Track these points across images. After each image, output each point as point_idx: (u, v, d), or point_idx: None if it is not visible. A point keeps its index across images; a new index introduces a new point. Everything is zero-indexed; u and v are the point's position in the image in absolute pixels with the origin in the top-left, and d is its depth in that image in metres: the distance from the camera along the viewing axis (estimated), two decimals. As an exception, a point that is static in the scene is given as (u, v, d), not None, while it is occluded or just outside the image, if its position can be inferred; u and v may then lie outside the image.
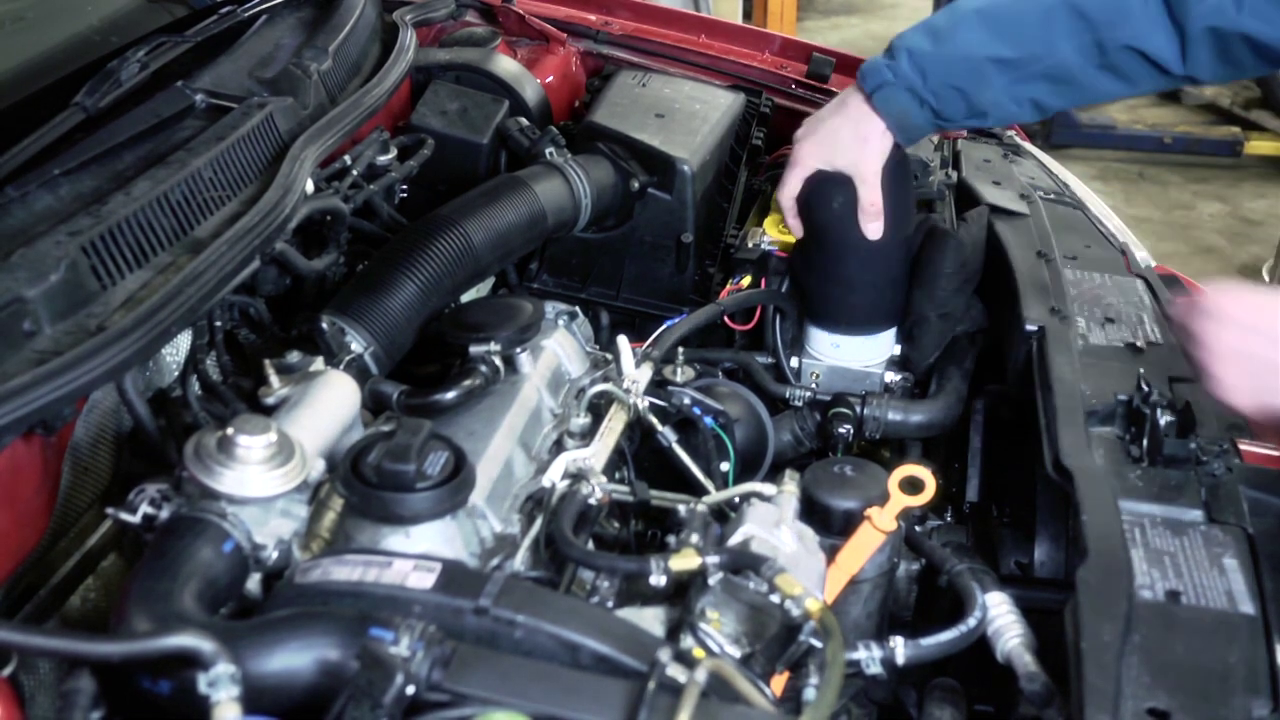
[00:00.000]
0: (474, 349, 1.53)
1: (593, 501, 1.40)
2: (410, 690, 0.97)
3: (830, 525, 1.42)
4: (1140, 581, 1.21)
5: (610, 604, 1.27)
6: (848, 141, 1.79)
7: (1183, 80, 1.66)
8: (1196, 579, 1.22)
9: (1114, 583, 1.20)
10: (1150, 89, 1.69)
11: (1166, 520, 1.31)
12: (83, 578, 1.32)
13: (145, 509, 1.20)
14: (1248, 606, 1.19)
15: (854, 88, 1.80)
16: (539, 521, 1.38)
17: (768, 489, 1.44)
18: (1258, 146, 6.19)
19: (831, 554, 1.38)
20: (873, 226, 1.82)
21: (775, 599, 1.17)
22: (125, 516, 1.20)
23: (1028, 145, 2.45)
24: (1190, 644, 1.14)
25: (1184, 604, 1.19)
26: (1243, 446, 1.45)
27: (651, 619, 1.25)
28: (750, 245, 2.07)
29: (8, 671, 1.04)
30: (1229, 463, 1.39)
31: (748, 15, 6.88)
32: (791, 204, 1.88)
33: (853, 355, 1.94)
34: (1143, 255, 2.05)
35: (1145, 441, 1.42)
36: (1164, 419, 1.42)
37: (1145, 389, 1.47)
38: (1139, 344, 1.66)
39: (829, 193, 1.81)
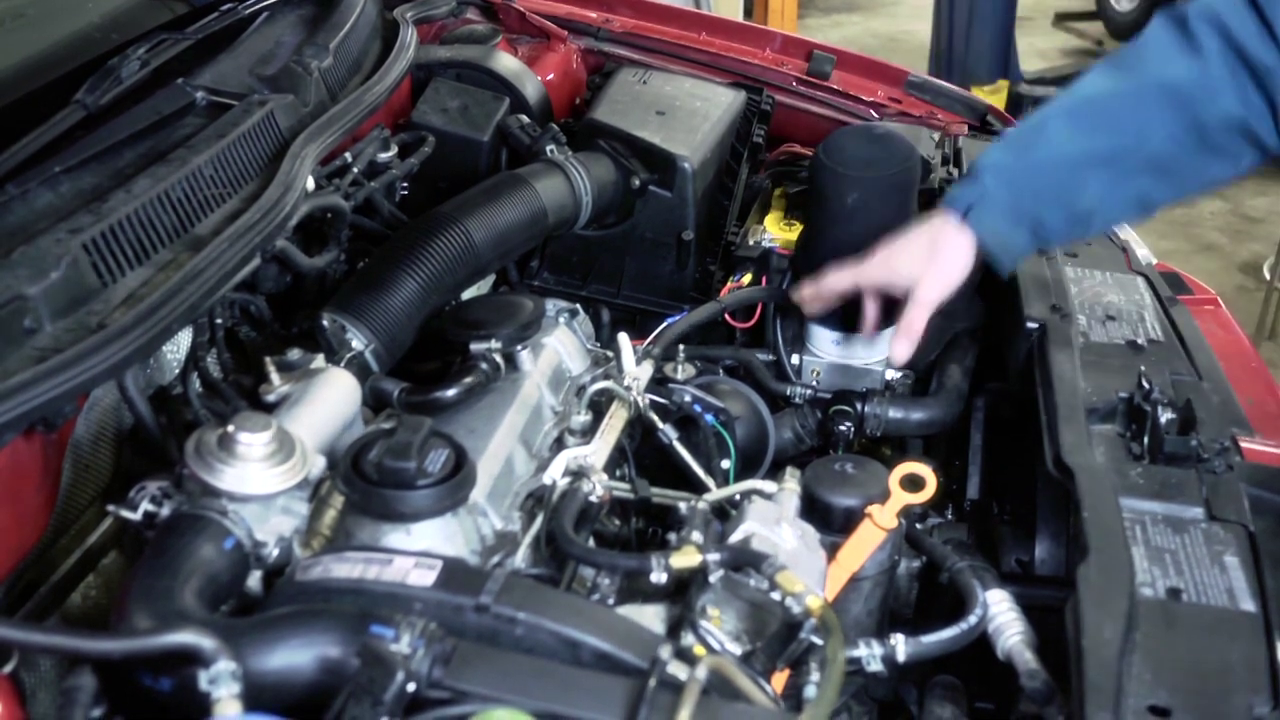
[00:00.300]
0: (475, 346, 1.53)
1: (593, 499, 1.40)
2: (411, 687, 0.97)
3: (831, 523, 1.42)
4: (1141, 579, 1.21)
5: (611, 601, 1.27)
6: (919, 257, 1.65)
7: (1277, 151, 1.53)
8: (1197, 576, 1.22)
9: (1115, 580, 1.20)
10: (1252, 164, 1.55)
11: (1167, 518, 1.31)
12: (84, 575, 1.32)
13: (146, 506, 1.20)
14: (1248, 604, 1.19)
15: (941, 213, 1.65)
16: (540, 519, 1.38)
17: (768, 486, 1.44)
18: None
19: (832, 551, 1.38)
20: (901, 347, 1.67)
21: (776, 596, 1.17)
22: (126, 514, 1.20)
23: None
24: (1191, 641, 1.14)
25: (1185, 601, 1.19)
26: (1244, 444, 1.45)
27: (652, 616, 1.25)
28: (751, 243, 2.07)
29: (8, 669, 1.04)
30: (1230, 460, 1.39)
31: (749, 12, 6.89)
32: (829, 297, 1.78)
33: (854, 353, 1.94)
34: (1144, 253, 2.05)
35: (1146, 439, 1.42)
36: (1165, 416, 1.42)
37: (1146, 386, 1.47)
38: (1140, 341, 1.66)
39: (843, 187, 1.81)
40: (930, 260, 1.65)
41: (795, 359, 1.98)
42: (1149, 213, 1.64)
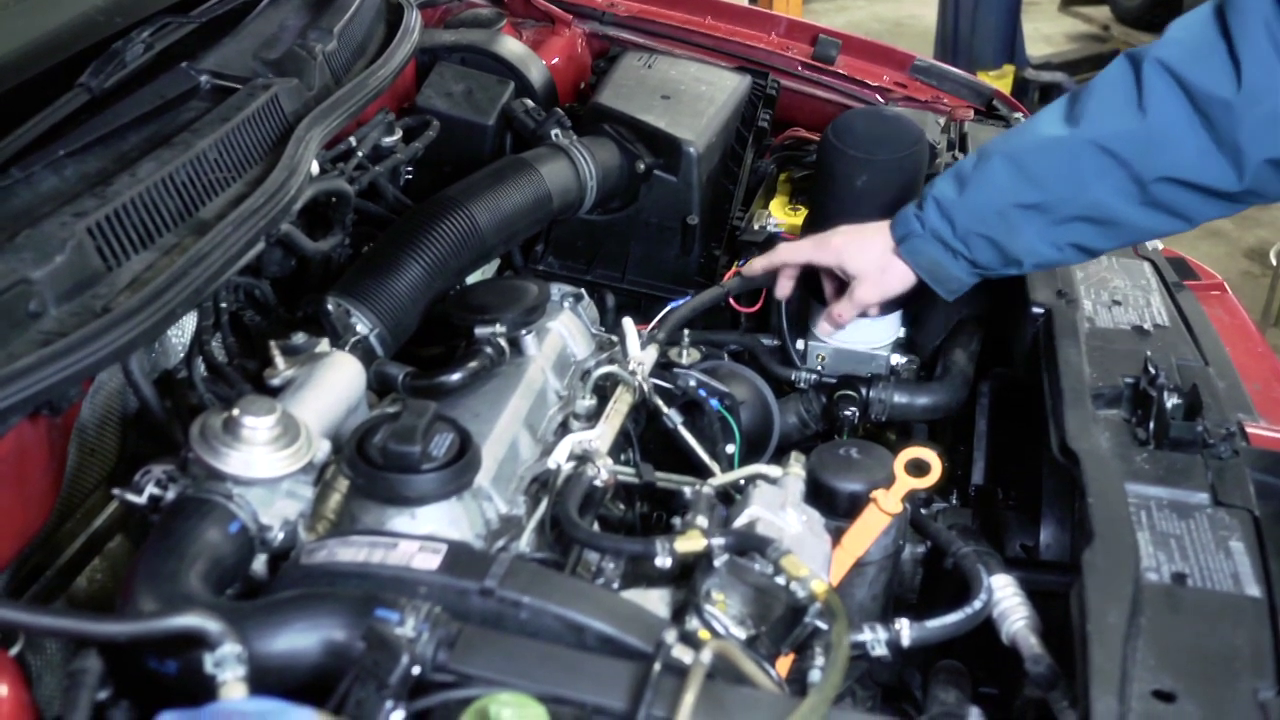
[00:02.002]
0: (479, 331, 1.53)
1: (598, 483, 1.40)
2: (416, 671, 0.97)
3: (836, 507, 1.42)
4: (1146, 564, 1.21)
5: (615, 586, 1.28)
6: (871, 259, 1.72)
7: (1244, 198, 1.49)
8: (1202, 561, 1.22)
9: (1120, 565, 1.20)
10: (1212, 217, 1.53)
11: (1172, 503, 1.31)
12: (89, 558, 1.32)
13: (151, 490, 1.20)
14: (1253, 589, 1.19)
15: (889, 228, 1.72)
16: (544, 503, 1.38)
17: (773, 471, 1.44)
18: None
19: (837, 536, 1.38)
20: (823, 328, 1.84)
21: (781, 581, 1.17)
22: (131, 497, 1.20)
23: (1035, 127, 2.44)
24: (1196, 626, 1.14)
25: (1190, 586, 1.19)
26: (1249, 429, 1.44)
27: (657, 601, 1.25)
28: (756, 227, 2.07)
29: (15, 651, 1.05)
30: (1235, 445, 1.39)
31: (753, -3, 6.87)
32: (790, 269, 1.84)
33: (859, 338, 1.94)
34: (1150, 238, 2.04)
35: (1152, 424, 1.42)
36: (1170, 402, 1.42)
37: (1152, 372, 1.47)
38: (1146, 327, 1.66)
39: (852, 171, 1.80)
40: (879, 267, 1.72)
41: (800, 344, 1.97)
42: (1090, 257, 1.65)
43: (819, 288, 1.90)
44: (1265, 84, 1.39)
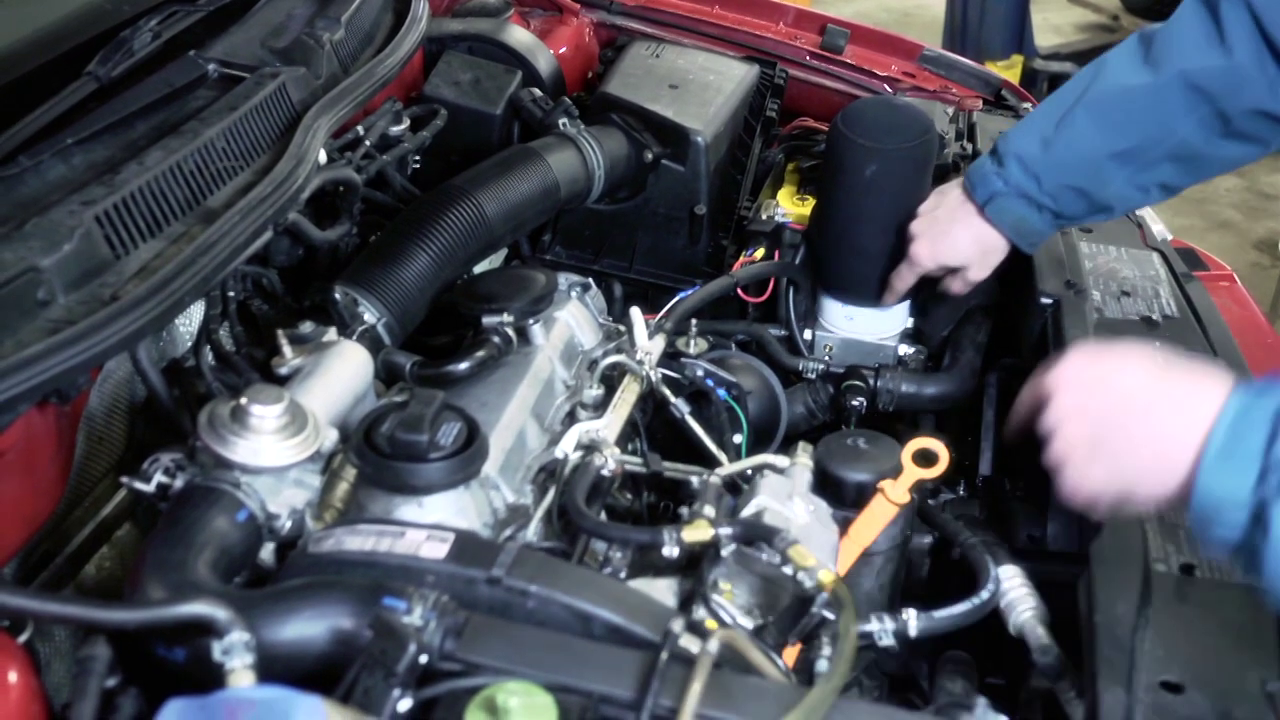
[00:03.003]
0: (487, 320, 1.52)
1: (605, 473, 1.40)
2: (423, 659, 0.97)
3: (843, 497, 1.42)
4: (1154, 555, 1.21)
5: (623, 575, 1.28)
6: (966, 248, 1.75)
7: None
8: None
9: (1128, 556, 1.20)
10: None
11: (1181, 494, 1.30)
12: (98, 546, 1.32)
13: (159, 478, 1.21)
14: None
15: (962, 192, 1.73)
16: (552, 492, 1.38)
17: (780, 461, 1.44)
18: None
19: (844, 526, 1.38)
20: (952, 289, 1.83)
21: (788, 571, 1.17)
22: (140, 485, 1.21)
23: (1044, 117, 2.43)
24: (1204, 617, 1.14)
25: (1198, 577, 1.19)
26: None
27: (664, 590, 1.25)
28: (764, 217, 2.06)
29: (24, 638, 1.05)
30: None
31: (762, -14, 6.84)
32: (902, 289, 1.86)
33: (866, 328, 1.93)
34: (1159, 229, 2.03)
35: (1161, 415, 1.42)
36: (1180, 392, 1.41)
37: (1161, 362, 1.46)
38: (1155, 317, 1.66)
39: (862, 159, 1.80)
40: (981, 253, 1.74)
41: (808, 334, 1.97)
42: (1170, 196, 1.67)
43: (830, 277, 1.90)
44: None
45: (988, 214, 1.70)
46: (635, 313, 1.65)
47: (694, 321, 1.76)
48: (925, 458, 1.39)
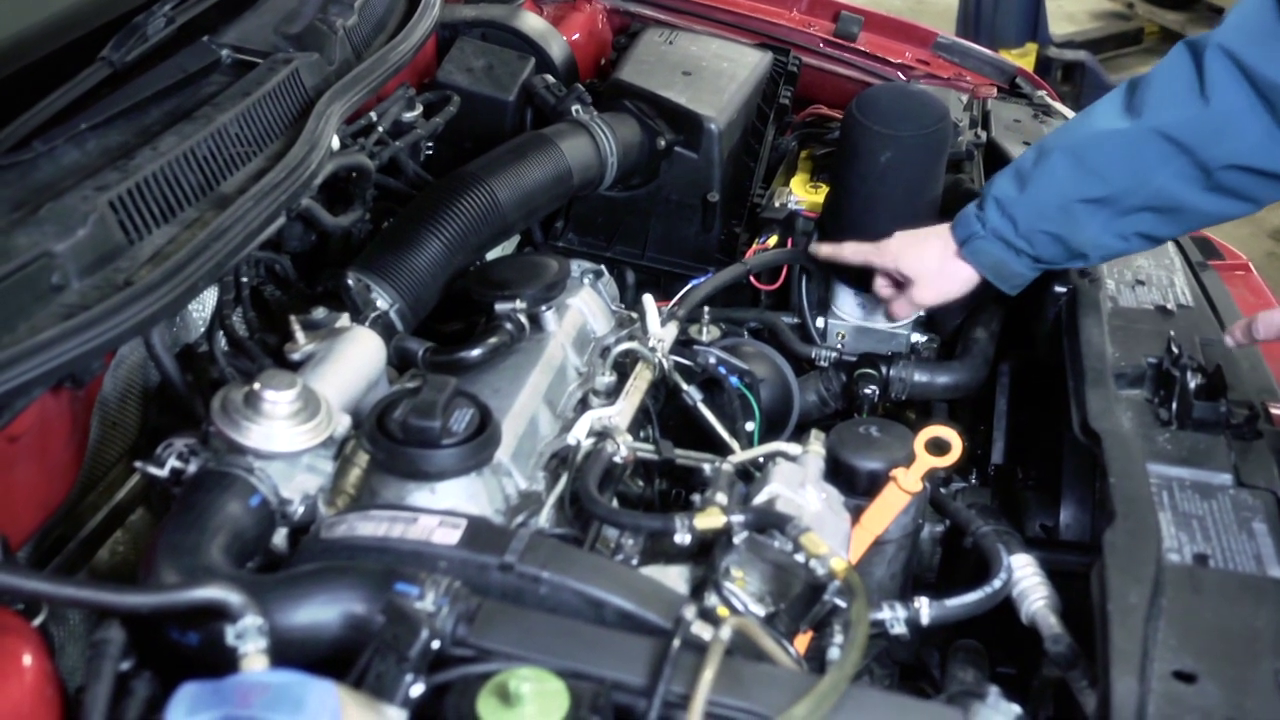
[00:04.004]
0: (499, 306, 1.52)
1: (618, 459, 1.40)
2: (435, 645, 0.98)
3: (855, 486, 1.42)
4: (1168, 545, 1.21)
5: (635, 562, 1.28)
6: (931, 263, 1.73)
7: None
8: (1225, 542, 1.22)
9: (1141, 545, 1.19)
10: (1276, 199, 1.51)
11: (1195, 483, 1.30)
12: (111, 531, 1.33)
13: (173, 463, 1.21)
14: (1276, 570, 1.19)
15: (949, 231, 1.72)
16: (564, 479, 1.38)
17: (793, 449, 1.44)
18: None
19: (856, 514, 1.38)
20: (892, 308, 1.83)
21: (800, 558, 1.17)
22: (153, 470, 1.21)
23: (1059, 106, 2.43)
24: (1218, 607, 1.13)
25: (1212, 567, 1.19)
26: (1273, 410, 1.43)
27: (676, 577, 1.25)
28: (777, 204, 2.06)
29: (38, 621, 1.05)
30: (1259, 426, 1.38)
31: (775, -27, 6.81)
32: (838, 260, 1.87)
33: (879, 316, 1.93)
34: (1174, 217, 2.02)
35: (1174, 404, 1.41)
36: (1194, 382, 1.41)
37: (1175, 351, 1.46)
38: (1169, 306, 1.65)
39: (877, 146, 1.79)
40: (936, 270, 1.72)
41: (820, 322, 1.97)
42: (1153, 245, 1.65)
43: (856, 275, 1.89)
44: None
45: (965, 254, 1.68)
46: (648, 300, 1.65)
47: (706, 309, 1.76)
48: (938, 446, 1.39)
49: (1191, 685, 1.05)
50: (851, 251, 1.83)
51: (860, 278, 1.90)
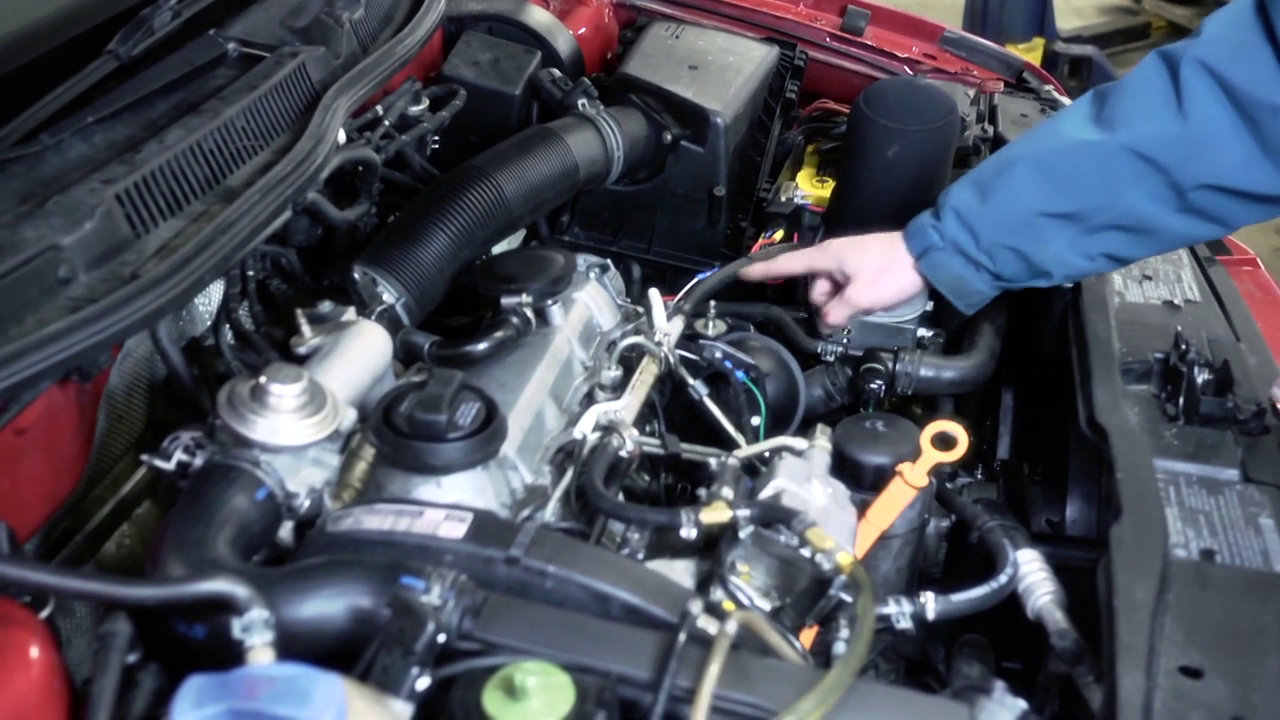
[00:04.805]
0: (505, 300, 1.52)
1: (623, 454, 1.40)
2: (441, 639, 0.98)
3: (861, 480, 1.42)
4: (1174, 540, 1.20)
5: (640, 556, 1.28)
6: (874, 262, 1.66)
7: None
8: (1232, 538, 1.22)
9: (1148, 541, 1.19)
10: (1252, 221, 1.45)
11: (1202, 479, 1.30)
12: (118, 523, 1.33)
13: (180, 456, 1.21)
14: (1283, 566, 1.18)
15: (901, 239, 1.65)
16: (570, 473, 1.38)
17: (799, 443, 1.44)
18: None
19: (862, 509, 1.37)
20: (828, 312, 1.74)
21: (806, 553, 1.17)
22: (160, 463, 1.21)
23: (1066, 101, 2.42)
24: (1224, 603, 1.13)
25: (1219, 563, 1.18)
26: (1281, 405, 1.43)
27: (681, 571, 1.25)
28: (783, 199, 2.06)
29: (45, 614, 1.05)
30: (1266, 422, 1.38)
31: (782, -33, 6.80)
32: (773, 275, 1.80)
33: (885, 310, 1.92)
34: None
35: (1181, 399, 1.41)
36: (1201, 377, 1.40)
37: (1182, 347, 1.46)
38: (1177, 301, 1.65)
39: (884, 140, 1.79)
40: (876, 273, 1.66)
41: (827, 316, 1.96)
42: (1118, 267, 1.58)
43: (786, 293, 1.88)
44: None
45: (922, 268, 1.62)
46: (654, 294, 1.65)
47: (712, 303, 1.75)
48: (944, 441, 1.39)
49: (1198, 681, 1.05)
50: (785, 262, 1.78)
51: (790, 294, 1.89)
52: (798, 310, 1.96)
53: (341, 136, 1.56)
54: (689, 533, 1.21)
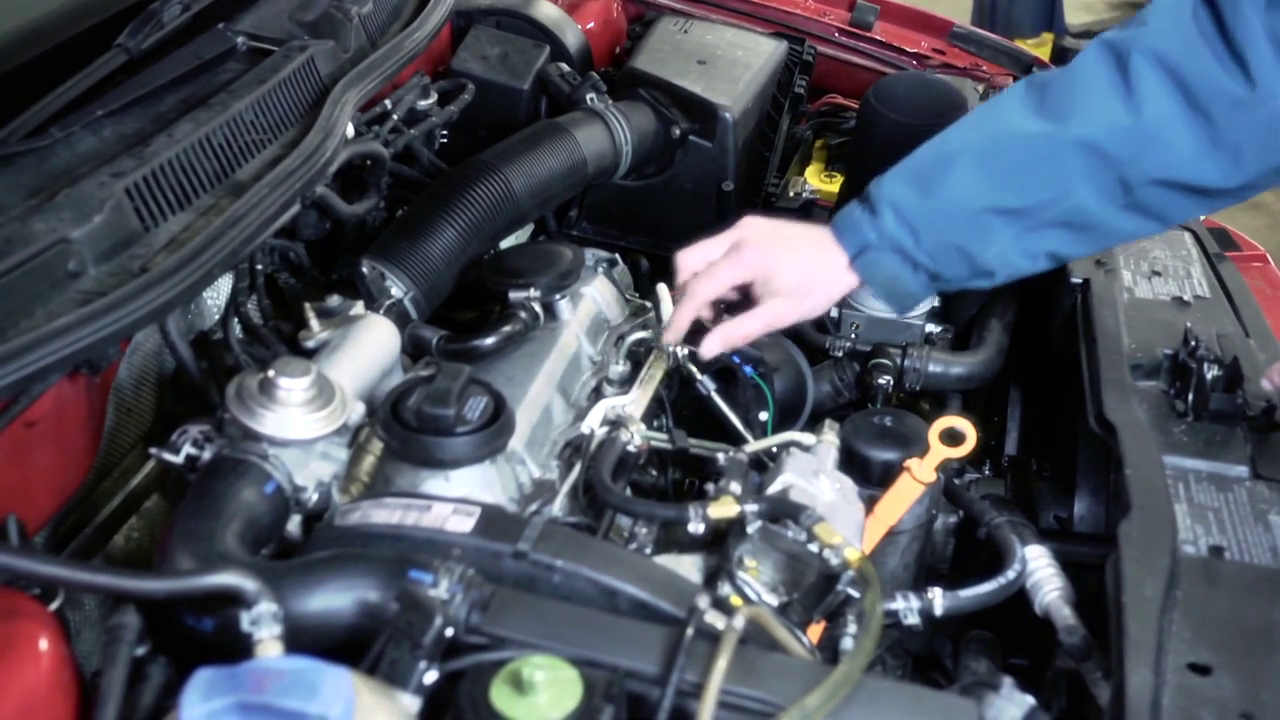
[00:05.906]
0: (514, 295, 1.53)
1: (631, 449, 1.40)
2: (449, 632, 0.98)
3: (869, 476, 1.42)
4: (1183, 536, 1.20)
5: (648, 551, 1.28)
6: (801, 279, 1.50)
7: (1234, 194, 1.38)
8: (1241, 535, 1.21)
9: (1157, 537, 1.19)
10: (1190, 217, 1.40)
11: (1211, 475, 1.30)
12: (126, 517, 1.33)
13: (188, 449, 1.21)
14: (1292, 563, 1.18)
15: (831, 237, 1.49)
16: (577, 468, 1.38)
17: (807, 439, 1.44)
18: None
19: (870, 505, 1.37)
20: (712, 346, 1.50)
21: (814, 548, 1.17)
22: (168, 457, 1.21)
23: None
24: (1233, 600, 1.13)
25: (1228, 560, 1.18)
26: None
27: (689, 566, 1.25)
28: (791, 194, 2.06)
29: (54, 606, 1.06)
30: (1276, 418, 1.38)
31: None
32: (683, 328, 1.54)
33: (894, 306, 1.92)
34: (1191, 208, 2.01)
35: (1191, 396, 1.41)
36: (1210, 373, 1.40)
37: (1192, 343, 1.45)
38: (1186, 297, 1.64)
39: (893, 134, 1.78)
40: (807, 286, 1.51)
41: (834, 311, 1.96)
42: (1056, 265, 1.50)
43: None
44: (1272, 80, 1.28)
45: (857, 268, 1.48)
46: (662, 289, 1.65)
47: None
48: (952, 437, 1.39)
49: (1206, 678, 1.04)
50: (707, 287, 1.52)
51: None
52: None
53: (350, 131, 1.56)
54: (697, 528, 1.21)
